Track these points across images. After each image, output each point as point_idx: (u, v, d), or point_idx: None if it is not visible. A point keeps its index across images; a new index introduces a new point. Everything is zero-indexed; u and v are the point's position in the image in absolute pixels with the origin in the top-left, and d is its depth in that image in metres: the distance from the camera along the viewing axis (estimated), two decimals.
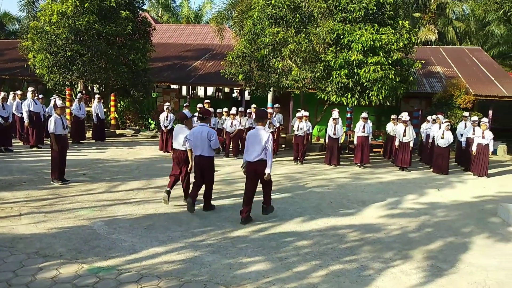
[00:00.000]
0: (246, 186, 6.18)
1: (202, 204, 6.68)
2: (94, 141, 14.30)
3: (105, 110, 15.79)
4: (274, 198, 7.55)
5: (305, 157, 12.51)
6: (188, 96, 19.47)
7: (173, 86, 20.60)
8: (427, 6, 29.72)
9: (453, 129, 12.29)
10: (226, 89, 25.15)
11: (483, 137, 10.94)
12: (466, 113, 12.89)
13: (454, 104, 15.12)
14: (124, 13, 15.05)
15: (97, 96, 15.07)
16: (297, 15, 12.14)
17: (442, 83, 17.12)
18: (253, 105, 13.94)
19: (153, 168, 10.00)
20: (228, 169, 10.55)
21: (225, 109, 13.02)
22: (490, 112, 16.48)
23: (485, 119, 11.87)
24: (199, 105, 13.42)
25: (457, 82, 16.20)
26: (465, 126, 12.15)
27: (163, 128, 12.66)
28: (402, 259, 4.89)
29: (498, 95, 16.19)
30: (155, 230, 5.62)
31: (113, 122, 17.62)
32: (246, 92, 18.80)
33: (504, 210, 6.88)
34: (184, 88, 19.97)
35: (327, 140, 12.29)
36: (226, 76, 13.60)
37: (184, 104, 14.79)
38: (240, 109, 13.32)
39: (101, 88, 17.43)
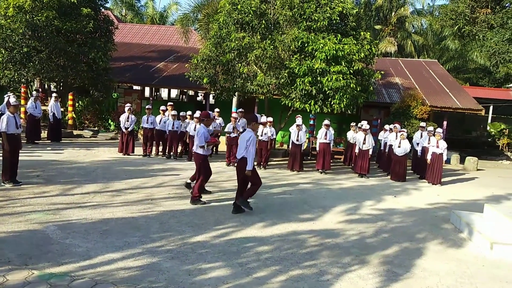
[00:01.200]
0: (237, 180, 7.04)
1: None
2: (49, 141, 13.66)
3: (62, 109, 15.16)
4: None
5: (268, 163, 12.58)
6: (151, 98, 19.13)
7: (135, 87, 20.16)
8: (388, 19, 30.94)
9: (409, 138, 12.80)
10: (191, 92, 24.94)
11: (438, 146, 11.44)
12: (423, 123, 13.45)
13: (411, 114, 15.75)
14: (85, 10, 14.57)
15: (54, 94, 14.45)
16: (263, 22, 12.23)
17: (400, 94, 17.80)
18: (216, 109, 13.89)
19: (111, 171, 9.69)
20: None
21: (189, 112, 12.86)
22: (445, 122, 17.32)
23: (439, 130, 12.44)
24: (162, 107, 13.19)
25: (414, 93, 16.92)
26: (421, 136, 12.68)
27: (124, 130, 12.31)
28: (360, 264, 5.00)
29: (452, 107, 17.06)
30: (112, 235, 5.42)
31: (70, 122, 16.95)
32: (211, 96, 18.70)
33: (455, 217, 7.21)
34: (147, 89, 19.58)
35: (290, 146, 12.42)
36: (190, 79, 13.46)
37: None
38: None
39: (58, 87, 16.76)
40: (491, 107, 23.65)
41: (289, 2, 12.12)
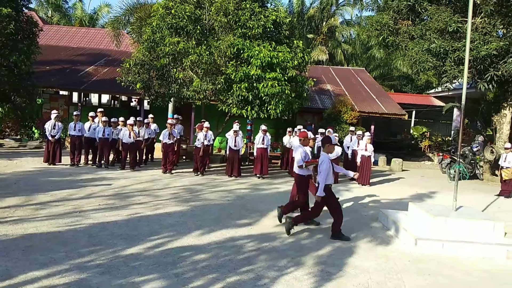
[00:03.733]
0: None
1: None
2: None
3: None
4: (171, 211, 7.38)
5: (206, 169, 12.46)
6: (79, 104, 18.08)
7: (62, 92, 18.97)
8: (319, 28, 32.27)
9: (340, 142, 13.40)
10: (124, 98, 23.98)
11: (366, 149, 12.10)
12: (352, 128, 14.15)
13: (342, 119, 16.51)
14: (5, 10, 13.42)
15: None
16: (198, 27, 12.15)
17: (332, 100, 18.62)
18: (150, 115, 13.54)
19: (35, 182, 8.98)
20: (124, 182, 9.98)
21: (121, 119, 12.35)
22: (372, 127, 18.38)
23: (367, 133, 13.17)
24: (91, 113, 12.54)
25: (344, 99, 17.77)
26: (351, 140, 13.33)
27: (50, 138, 11.51)
28: (295, 265, 5.10)
29: (379, 112, 18.16)
30: (35, 251, 5.00)
31: None
32: (146, 102, 18.15)
33: (383, 216, 7.65)
34: (75, 94, 18.52)
35: (228, 152, 12.41)
36: (123, 84, 12.97)
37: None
38: (138, 119, 12.79)
39: None
40: (413, 112, 25.55)
41: (224, 9, 12.17)
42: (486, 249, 5.99)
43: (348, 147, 13.40)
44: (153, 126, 13.66)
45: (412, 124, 25.53)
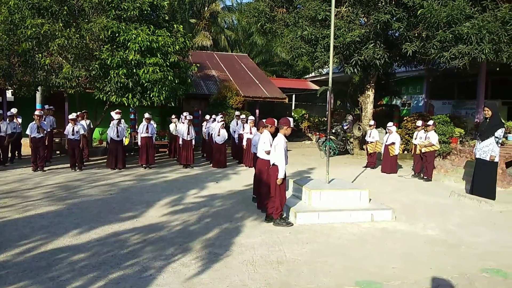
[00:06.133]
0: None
1: None
2: None
3: None
4: (44, 212, 6.72)
5: (85, 163, 11.57)
6: None
7: None
8: (201, 13, 32.03)
9: (227, 127, 13.64)
10: None
11: (251, 133, 12.53)
12: (237, 112, 14.51)
13: (227, 104, 16.81)
14: None
15: None
16: (65, 8, 11.03)
17: (217, 86, 18.81)
18: (14, 109, 12.05)
19: None
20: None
21: None
22: (257, 111, 19.10)
23: (252, 117, 13.63)
24: None
25: (229, 85, 18.12)
26: (237, 124, 13.67)
27: None
28: (183, 252, 5.08)
29: (262, 96, 18.94)
30: None
31: None
32: (9, 92, 15.97)
33: None
34: None
35: (109, 143, 11.68)
36: None
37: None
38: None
39: None
40: (293, 96, 27.28)
41: None
42: (354, 215, 6.75)
43: (234, 131, 13.71)
44: (20, 119, 12.17)
45: (293, 107, 27.26)
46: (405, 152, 14.88)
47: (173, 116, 13.73)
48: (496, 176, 8.46)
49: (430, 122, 11.22)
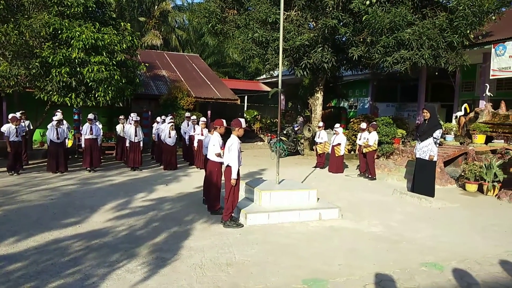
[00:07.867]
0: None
1: None
2: None
3: None
4: None
5: (24, 166, 10.88)
6: None
7: None
8: (151, 12, 31.27)
9: (177, 128, 13.41)
10: None
11: (202, 134, 12.39)
12: (188, 113, 14.31)
13: (178, 105, 16.54)
14: None
15: None
16: (2, 2, 10.32)
17: (168, 86, 18.44)
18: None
19: None
20: None
21: None
22: (209, 112, 18.96)
23: (203, 118, 13.49)
24: None
25: (180, 85, 17.83)
26: (188, 125, 13.48)
27: None
28: (128, 258, 4.91)
29: (214, 98, 18.82)
30: None
31: None
32: None
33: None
34: None
35: (49, 145, 11.06)
36: None
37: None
38: None
39: None
40: (246, 97, 27.36)
41: None
42: (302, 214, 6.88)
43: (185, 133, 13.51)
44: None
45: (245, 108, 27.35)
46: (352, 152, 15.43)
47: (121, 117, 13.27)
48: (435, 174, 9.00)
49: (364, 125, 11.95)
